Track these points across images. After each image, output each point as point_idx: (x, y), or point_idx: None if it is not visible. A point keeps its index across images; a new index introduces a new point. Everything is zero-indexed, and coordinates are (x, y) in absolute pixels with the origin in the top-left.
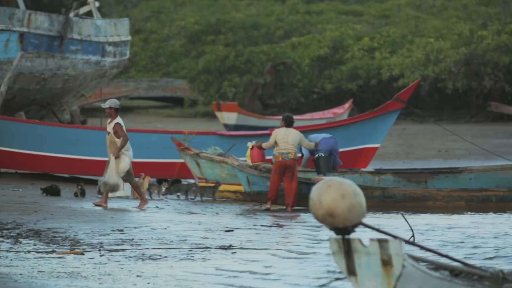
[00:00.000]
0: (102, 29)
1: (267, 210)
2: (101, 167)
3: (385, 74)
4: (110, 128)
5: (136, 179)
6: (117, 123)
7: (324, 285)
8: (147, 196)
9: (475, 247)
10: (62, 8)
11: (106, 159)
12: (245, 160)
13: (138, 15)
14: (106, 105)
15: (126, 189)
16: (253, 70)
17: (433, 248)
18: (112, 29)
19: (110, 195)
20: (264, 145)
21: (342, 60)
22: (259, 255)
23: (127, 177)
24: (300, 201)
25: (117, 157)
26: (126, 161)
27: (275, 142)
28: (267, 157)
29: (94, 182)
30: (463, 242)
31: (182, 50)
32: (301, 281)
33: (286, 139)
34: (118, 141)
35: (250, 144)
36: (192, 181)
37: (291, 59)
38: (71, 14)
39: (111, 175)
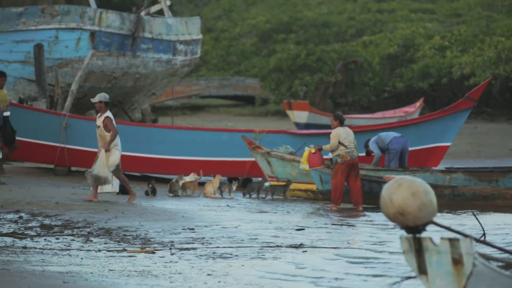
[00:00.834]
0: (173, 28)
1: (329, 210)
2: (173, 165)
3: (456, 72)
4: (100, 122)
5: (210, 178)
6: (107, 117)
7: (394, 284)
8: (218, 195)
9: None
10: (133, 7)
11: (179, 157)
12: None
13: (209, 14)
14: (95, 99)
15: (115, 185)
16: (324, 69)
17: (504, 247)
18: (183, 27)
19: (99, 190)
20: (327, 147)
21: (413, 58)
22: (329, 254)
23: (115, 171)
24: (371, 199)
25: (107, 150)
26: (116, 155)
27: (339, 142)
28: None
29: (165, 181)
30: None
31: (253, 49)
32: (370, 280)
33: (348, 138)
34: (108, 135)
35: (311, 149)
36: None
37: (362, 58)
38: (143, 13)
39: (102, 168)
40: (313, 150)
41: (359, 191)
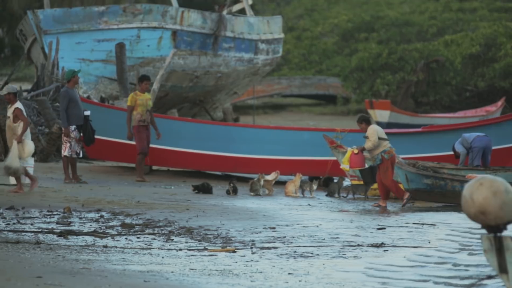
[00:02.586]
0: (255, 27)
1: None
2: (255, 164)
3: None
4: (10, 112)
5: (292, 177)
6: (17, 108)
7: (474, 283)
8: (299, 194)
9: None
10: (215, 6)
11: (260, 156)
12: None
13: (291, 13)
14: (3, 91)
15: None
16: (406, 68)
17: None
18: (265, 26)
19: (10, 180)
20: (369, 145)
21: (495, 57)
22: (410, 253)
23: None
24: (453, 198)
25: (19, 142)
26: (30, 145)
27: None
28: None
29: (247, 180)
30: None
31: (335, 48)
32: (450, 280)
33: (384, 134)
34: (16, 126)
35: (354, 149)
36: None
37: (443, 57)
38: (224, 12)
39: (14, 159)
40: (356, 151)
41: (390, 188)
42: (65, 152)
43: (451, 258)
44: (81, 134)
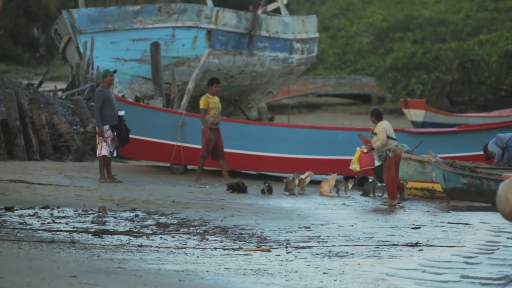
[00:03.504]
0: (290, 26)
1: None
2: (289, 164)
3: None
4: None
5: (326, 177)
6: None
7: (509, 283)
8: (334, 193)
9: None
10: (250, 5)
11: (295, 156)
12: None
13: (326, 12)
14: None
15: None
16: (441, 67)
17: None
18: (300, 26)
19: None
20: (377, 144)
21: None
22: (445, 252)
23: None
24: (489, 197)
25: None
26: None
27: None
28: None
29: (281, 179)
30: None
31: (370, 47)
32: (484, 280)
33: (392, 131)
34: None
35: (363, 149)
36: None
37: (478, 56)
38: (259, 11)
39: None
40: (365, 150)
41: (396, 186)
42: (101, 152)
43: (486, 258)
44: (115, 134)
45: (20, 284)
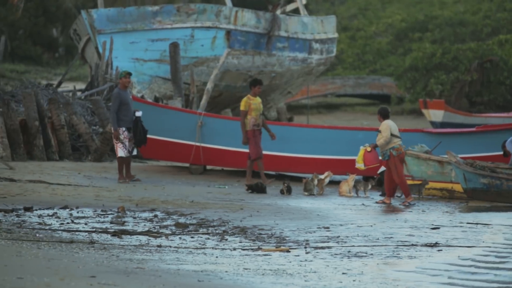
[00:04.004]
0: (309, 26)
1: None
2: (308, 164)
3: None
4: None
5: (345, 177)
6: None
7: None
8: (353, 194)
9: None
10: (269, 5)
11: (314, 156)
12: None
13: (345, 12)
14: None
15: None
16: (460, 68)
17: None
18: (319, 26)
19: None
20: (381, 141)
21: None
22: (464, 253)
23: None
24: (509, 198)
25: None
26: None
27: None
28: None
29: (301, 180)
30: None
31: (389, 48)
32: (503, 281)
33: (397, 130)
34: None
35: (366, 147)
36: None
37: (498, 57)
38: (278, 12)
39: None
40: (368, 149)
41: (400, 185)
42: (119, 153)
43: (505, 258)
44: (131, 135)
45: (39, 284)
